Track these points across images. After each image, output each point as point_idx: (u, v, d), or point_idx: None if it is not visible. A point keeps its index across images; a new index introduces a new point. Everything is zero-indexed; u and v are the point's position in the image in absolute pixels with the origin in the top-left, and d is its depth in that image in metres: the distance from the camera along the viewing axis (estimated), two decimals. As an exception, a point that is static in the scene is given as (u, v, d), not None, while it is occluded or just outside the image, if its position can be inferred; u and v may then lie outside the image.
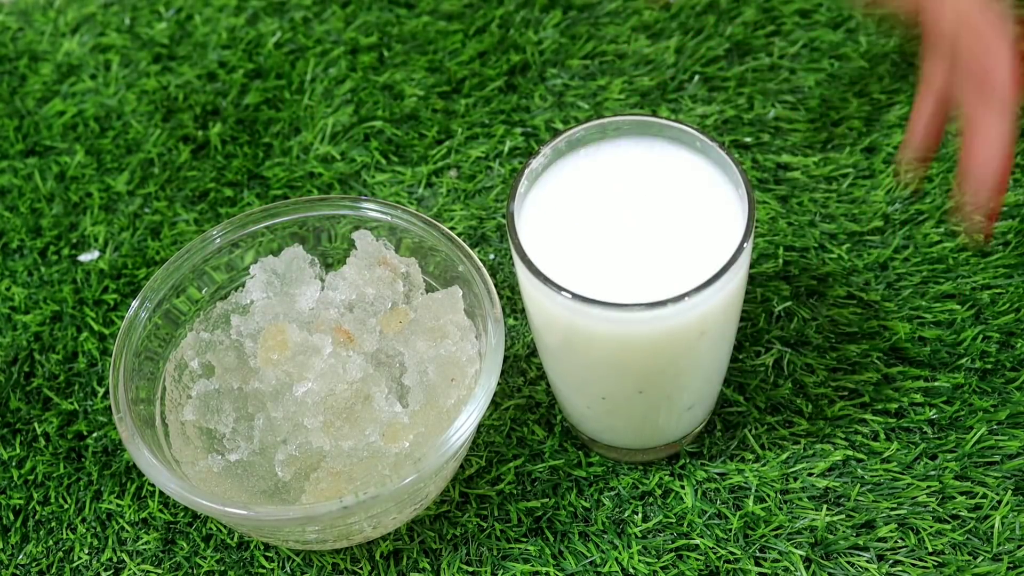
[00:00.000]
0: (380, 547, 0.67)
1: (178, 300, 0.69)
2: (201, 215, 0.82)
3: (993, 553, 0.64)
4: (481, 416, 0.62)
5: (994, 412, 0.69)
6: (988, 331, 0.71)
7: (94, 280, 0.79)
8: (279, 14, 0.92)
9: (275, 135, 0.86)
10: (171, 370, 0.68)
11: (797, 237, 0.76)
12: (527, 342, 0.74)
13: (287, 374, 0.65)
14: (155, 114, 0.88)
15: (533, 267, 0.57)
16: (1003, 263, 0.74)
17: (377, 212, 0.69)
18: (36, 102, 0.90)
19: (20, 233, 0.82)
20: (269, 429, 0.64)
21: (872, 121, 0.82)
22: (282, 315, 0.67)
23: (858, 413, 0.69)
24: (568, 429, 0.70)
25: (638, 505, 0.67)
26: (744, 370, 0.71)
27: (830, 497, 0.67)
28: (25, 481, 0.71)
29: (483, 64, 0.88)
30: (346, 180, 0.83)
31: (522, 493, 0.69)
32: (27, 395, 0.75)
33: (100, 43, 0.92)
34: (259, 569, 0.67)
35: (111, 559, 0.68)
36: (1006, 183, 0.62)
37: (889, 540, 0.65)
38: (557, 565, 0.66)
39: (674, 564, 0.65)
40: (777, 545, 0.65)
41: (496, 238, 0.79)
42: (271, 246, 0.70)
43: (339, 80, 0.88)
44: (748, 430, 0.69)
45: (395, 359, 0.67)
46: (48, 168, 0.86)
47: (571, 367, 0.64)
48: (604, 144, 0.62)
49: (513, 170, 0.82)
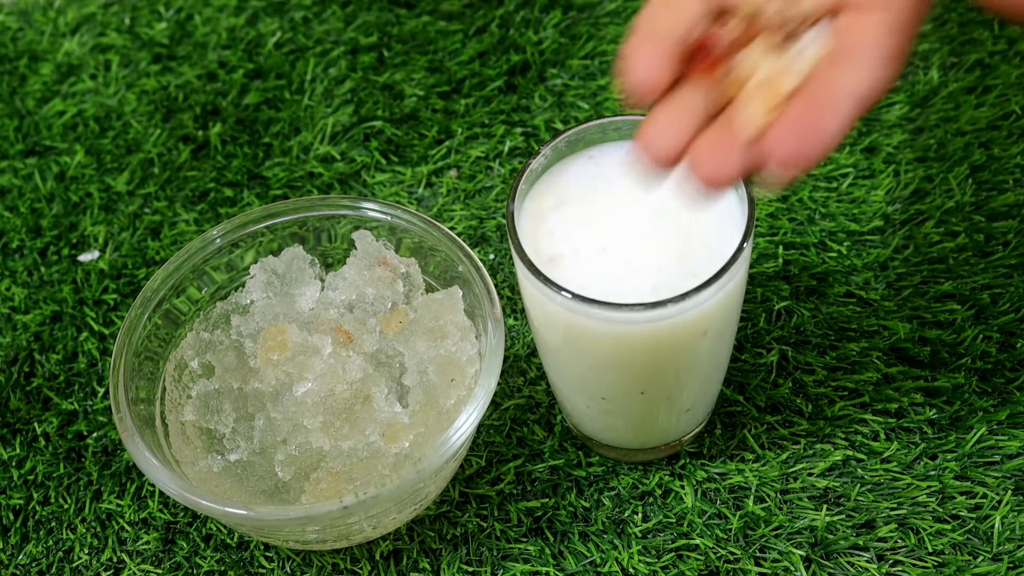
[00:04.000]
0: (380, 547, 0.67)
1: (178, 300, 0.69)
2: (201, 215, 0.82)
3: (993, 553, 0.64)
4: (481, 416, 0.62)
5: (994, 412, 0.69)
6: (988, 331, 0.72)
7: (94, 280, 0.79)
8: (279, 14, 0.92)
9: (275, 135, 0.86)
10: (171, 370, 0.68)
11: (797, 236, 0.76)
12: (527, 342, 0.74)
13: (287, 374, 0.65)
14: (155, 114, 0.87)
15: (533, 267, 0.57)
16: (1003, 263, 0.74)
17: (377, 212, 0.69)
18: (36, 102, 0.90)
19: (20, 233, 0.82)
20: (269, 429, 0.64)
21: (872, 121, 0.82)
22: (282, 315, 0.67)
23: (858, 413, 0.69)
24: (568, 429, 0.70)
25: (638, 505, 0.67)
26: (744, 370, 0.71)
27: (830, 497, 0.67)
28: (25, 481, 0.71)
29: (483, 64, 0.88)
30: (346, 180, 0.83)
31: (522, 493, 0.69)
32: (27, 395, 0.75)
33: (100, 43, 0.92)
34: (259, 569, 0.67)
35: (111, 559, 0.68)
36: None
37: (889, 540, 0.65)
38: (557, 565, 0.66)
39: (674, 564, 0.65)
40: (777, 545, 0.65)
41: (496, 238, 0.79)
42: (271, 246, 0.70)
43: (339, 80, 0.88)
44: (748, 430, 0.69)
45: (395, 359, 0.67)
46: (48, 168, 0.86)
47: (571, 367, 0.63)
48: (604, 144, 0.62)
49: (513, 170, 0.82)
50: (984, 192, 0.78)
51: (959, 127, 0.81)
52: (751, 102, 0.49)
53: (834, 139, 0.48)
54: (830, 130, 0.48)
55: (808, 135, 0.48)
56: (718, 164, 0.49)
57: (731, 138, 0.49)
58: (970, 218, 0.76)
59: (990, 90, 0.82)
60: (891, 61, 0.50)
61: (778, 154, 0.48)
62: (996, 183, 0.78)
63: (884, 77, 0.50)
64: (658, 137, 0.50)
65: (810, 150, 0.48)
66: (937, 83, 0.83)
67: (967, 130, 0.80)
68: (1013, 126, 0.80)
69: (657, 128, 0.50)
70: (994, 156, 0.79)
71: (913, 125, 0.81)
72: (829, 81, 0.49)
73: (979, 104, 0.82)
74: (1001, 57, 0.84)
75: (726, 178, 0.49)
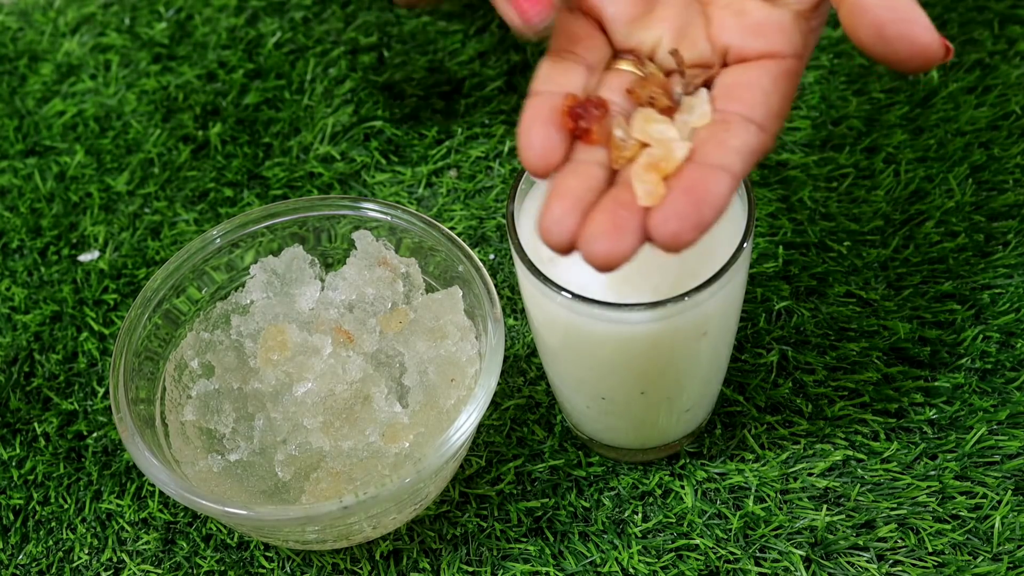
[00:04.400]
0: (380, 547, 0.67)
1: (178, 300, 0.69)
2: (201, 215, 0.82)
3: (993, 553, 0.64)
4: (481, 416, 0.62)
5: (994, 412, 0.69)
6: (988, 331, 0.71)
7: (94, 280, 0.79)
8: (279, 14, 0.92)
9: (275, 135, 0.86)
10: (171, 370, 0.68)
11: (797, 236, 0.76)
12: (527, 342, 0.74)
13: (287, 374, 0.65)
14: (155, 114, 0.88)
15: (533, 267, 0.57)
16: (1003, 263, 0.74)
17: (377, 212, 0.69)
18: (36, 102, 0.90)
19: (20, 233, 0.82)
20: (269, 429, 0.64)
21: (872, 121, 0.82)
22: (282, 315, 0.67)
23: (858, 413, 0.69)
24: (568, 429, 0.70)
25: (638, 505, 0.67)
26: (744, 370, 0.71)
27: (830, 497, 0.67)
28: (25, 481, 0.71)
29: (483, 64, 0.88)
30: (346, 180, 0.83)
31: (522, 493, 0.69)
32: (27, 395, 0.75)
33: (100, 43, 0.92)
34: (259, 569, 0.67)
35: (111, 559, 0.68)
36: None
37: (889, 540, 0.65)
38: (557, 565, 0.66)
39: (674, 564, 0.65)
40: (777, 545, 0.65)
41: (496, 238, 0.79)
42: (271, 246, 0.71)
43: (339, 80, 0.88)
44: (748, 430, 0.69)
45: (395, 359, 0.67)
46: (48, 168, 0.86)
47: (571, 367, 0.63)
48: (604, 144, 0.62)
49: (513, 170, 0.82)
50: (984, 192, 0.78)
51: (959, 127, 0.81)
52: (647, 174, 0.50)
53: (726, 201, 0.48)
54: (721, 193, 0.48)
55: (701, 202, 0.48)
56: (611, 246, 0.48)
57: (624, 216, 0.49)
58: (970, 218, 0.76)
59: (990, 90, 0.82)
60: (777, 117, 0.51)
61: (670, 227, 0.48)
62: (996, 183, 0.78)
63: (772, 131, 0.50)
64: (555, 224, 0.49)
65: (702, 217, 0.48)
66: (937, 83, 0.83)
67: (967, 130, 0.80)
68: (1013, 126, 0.80)
69: (552, 215, 0.49)
70: (994, 156, 0.79)
71: (913, 125, 0.81)
72: (718, 145, 0.50)
73: (979, 104, 0.82)
74: (1001, 57, 0.84)
75: (619, 259, 0.48)
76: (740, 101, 0.51)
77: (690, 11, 0.54)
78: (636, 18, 0.54)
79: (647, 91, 0.53)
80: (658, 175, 0.50)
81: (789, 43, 0.52)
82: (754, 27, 0.52)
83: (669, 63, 0.54)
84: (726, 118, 0.51)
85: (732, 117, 0.50)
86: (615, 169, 0.52)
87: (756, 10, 0.52)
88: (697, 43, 0.53)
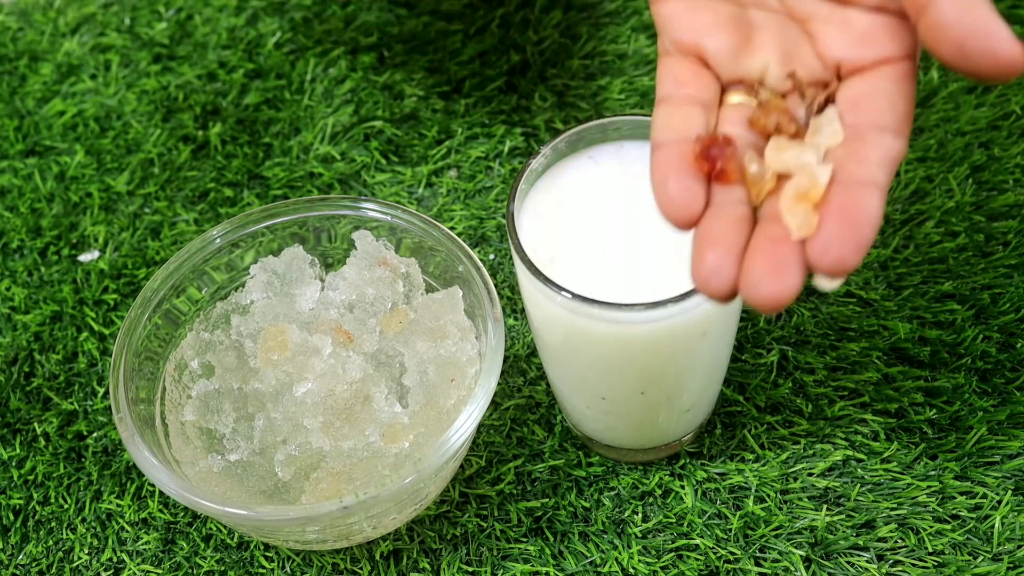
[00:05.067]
0: (380, 547, 0.67)
1: (178, 300, 0.69)
2: (201, 215, 0.82)
3: (993, 553, 0.64)
4: (481, 416, 0.62)
5: (994, 412, 0.69)
6: (988, 331, 0.72)
7: (94, 280, 0.79)
8: (279, 14, 0.92)
9: (275, 135, 0.86)
10: (171, 370, 0.68)
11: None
12: (527, 342, 0.74)
13: (287, 374, 0.65)
14: (155, 114, 0.88)
15: (533, 267, 0.57)
16: (1003, 263, 0.74)
17: (377, 212, 0.69)
18: (36, 102, 0.90)
19: (20, 233, 0.82)
20: (269, 429, 0.64)
21: (872, 121, 0.82)
22: (282, 315, 0.67)
23: (858, 413, 0.69)
24: (568, 429, 0.70)
25: (638, 505, 0.67)
26: (744, 370, 0.71)
27: (830, 497, 0.67)
28: (25, 481, 0.71)
29: (483, 64, 0.88)
30: (346, 180, 0.83)
31: (522, 493, 0.69)
32: (27, 395, 0.75)
33: (100, 43, 0.92)
34: (259, 569, 0.67)
35: (111, 559, 0.68)
36: None
37: (889, 540, 0.65)
38: (557, 565, 0.66)
39: (674, 564, 0.65)
40: (777, 545, 0.65)
41: (496, 238, 0.79)
42: (271, 246, 0.71)
43: (339, 80, 0.88)
44: (748, 430, 0.69)
45: (395, 359, 0.67)
46: (48, 168, 0.86)
47: (571, 367, 0.63)
48: (604, 144, 0.62)
49: (513, 170, 0.82)
50: (984, 192, 0.78)
51: (959, 127, 0.81)
52: (797, 206, 0.48)
53: (880, 216, 0.47)
54: (875, 209, 0.47)
55: (857, 223, 0.46)
56: (777, 288, 0.46)
57: (782, 253, 0.47)
58: (970, 218, 0.76)
59: (990, 90, 0.82)
60: (907, 120, 0.49)
61: (831, 255, 0.46)
62: (996, 183, 0.78)
63: (905, 135, 0.49)
64: (713, 275, 0.47)
65: (862, 238, 0.46)
66: (937, 83, 0.83)
67: (967, 130, 0.80)
68: (1013, 126, 0.80)
69: (708, 265, 0.47)
70: (994, 156, 0.79)
71: (913, 125, 0.81)
72: (859, 161, 0.48)
73: (979, 104, 0.82)
74: (1001, 57, 0.84)
75: (787, 300, 0.46)
76: (869, 112, 0.49)
77: (790, 32, 0.53)
78: (738, 47, 0.52)
79: (771, 119, 0.51)
80: (808, 204, 0.48)
81: (900, 46, 0.50)
82: (863, 36, 0.51)
83: (777, 89, 0.52)
84: (859, 132, 0.49)
85: (865, 130, 0.49)
86: (754, 206, 0.49)
87: (861, 19, 0.51)
88: (807, 62, 0.52)
